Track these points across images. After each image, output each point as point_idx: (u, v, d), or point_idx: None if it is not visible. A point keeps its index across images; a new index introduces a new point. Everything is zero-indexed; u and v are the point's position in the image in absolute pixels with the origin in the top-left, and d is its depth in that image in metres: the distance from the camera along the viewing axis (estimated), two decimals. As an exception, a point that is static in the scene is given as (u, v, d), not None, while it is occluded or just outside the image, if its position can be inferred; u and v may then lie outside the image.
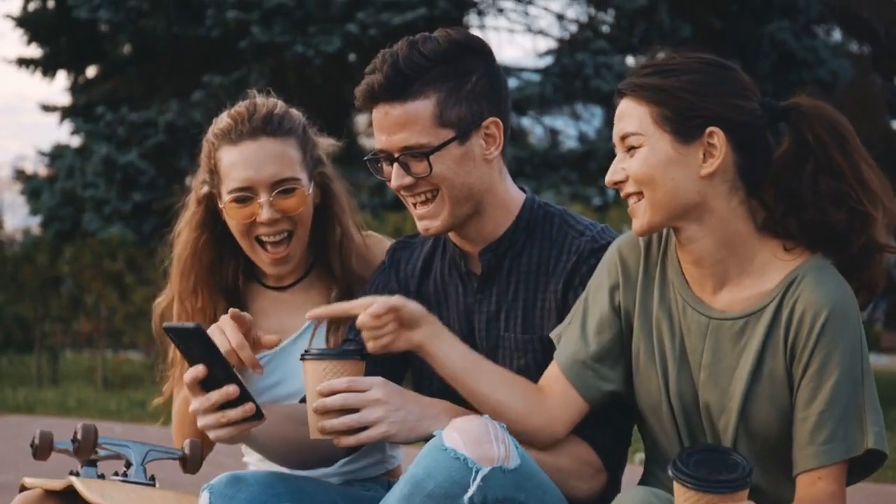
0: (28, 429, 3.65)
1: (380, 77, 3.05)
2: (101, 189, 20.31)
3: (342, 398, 2.83)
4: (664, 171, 2.80)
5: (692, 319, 2.91)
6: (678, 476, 2.53)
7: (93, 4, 20.38)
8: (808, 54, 20.85)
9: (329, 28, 18.47)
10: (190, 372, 2.83)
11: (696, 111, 2.81)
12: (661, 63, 2.90)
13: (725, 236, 2.84)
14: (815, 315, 2.76)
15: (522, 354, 3.16)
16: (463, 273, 3.24)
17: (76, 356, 21.22)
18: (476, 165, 3.10)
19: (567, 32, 22.23)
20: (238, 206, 3.41)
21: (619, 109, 2.91)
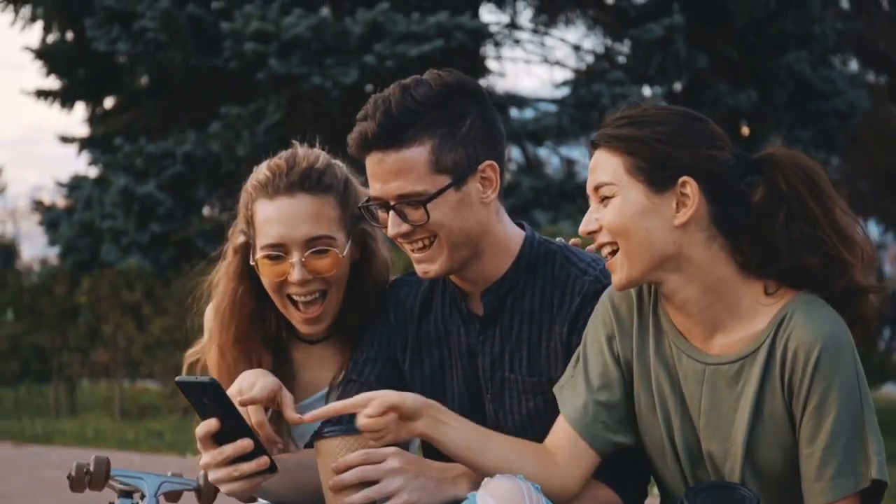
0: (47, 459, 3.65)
1: (373, 125, 3.00)
2: (119, 220, 20.34)
3: (359, 472, 2.83)
4: (638, 220, 2.80)
5: (688, 367, 2.89)
6: None
7: (111, 37, 20.44)
8: (825, 85, 20.82)
9: (346, 59, 18.50)
10: (202, 426, 2.82)
11: (668, 161, 2.81)
12: (635, 114, 2.89)
13: (708, 283, 2.83)
14: (808, 351, 2.75)
15: (531, 396, 3.13)
16: (464, 313, 3.21)
17: (93, 386, 21.23)
18: (473, 209, 3.06)
19: (583, 63, 22.26)
20: (270, 263, 3.31)
21: (593, 161, 2.89)
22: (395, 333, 3.29)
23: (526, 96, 21.37)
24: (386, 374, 3.27)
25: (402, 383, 3.27)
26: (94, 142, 22.22)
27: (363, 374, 3.27)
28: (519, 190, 19.29)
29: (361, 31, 18.38)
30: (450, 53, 18.25)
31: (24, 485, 10.10)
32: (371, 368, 3.28)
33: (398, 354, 3.28)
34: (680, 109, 2.92)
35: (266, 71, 18.68)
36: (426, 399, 2.96)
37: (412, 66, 17.78)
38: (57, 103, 22.95)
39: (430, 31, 18.09)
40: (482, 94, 3.12)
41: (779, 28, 20.35)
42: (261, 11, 18.67)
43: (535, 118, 20.10)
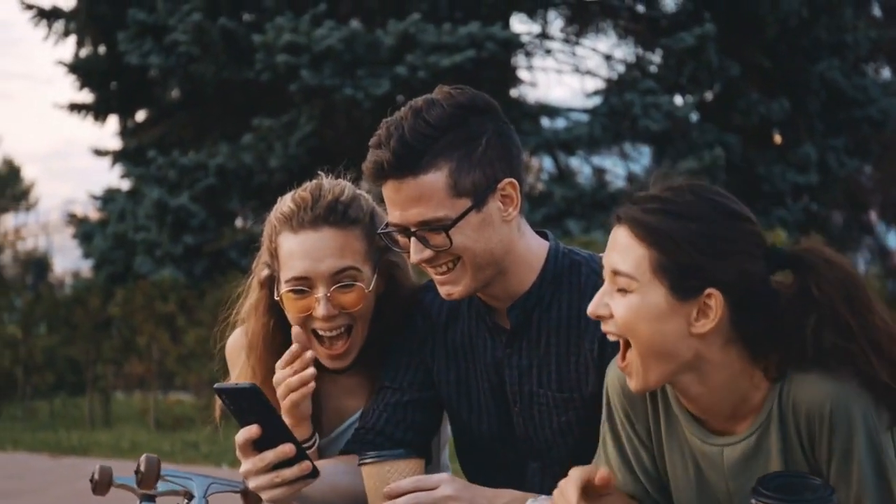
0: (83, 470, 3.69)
1: (387, 154, 2.93)
2: (153, 232, 20.43)
3: (413, 498, 2.81)
4: (652, 323, 2.62)
5: (705, 451, 2.79)
6: (761, 501, 2.49)
7: (143, 50, 20.54)
8: (858, 93, 20.77)
9: (378, 71, 18.54)
10: (242, 433, 2.80)
11: (698, 271, 2.61)
12: (669, 200, 2.68)
13: (720, 382, 2.69)
14: (820, 411, 2.63)
15: (563, 412, 3.10)
16: (490, 327, 3.18)
17: (128, 398, 21.30)
18: (495, 229, 3.00)
19: (615, 72, 22.23)
20: (295, 297, 3.25)
21: (615, 238, 2.70)
22: (424, 338, 3.28)
23: (557, 106, 21.36)
24: (419, 379, 3.26)
25: (433, 389, 3.27)
26: (126, 154, 22.32)
27: (396, 380, 3.26)
28: (551, 199, 19.29)
29: (393, 42, 18.42)
30: (481, 64, 18.27)
31: (61, 496, 10.15)
32: (405, 373, 3.27)
33: (428, 358, 3.28)
34: (719, 202, 2.68)
35: (298, 83, 18.74)
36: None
37: (444, 77, 17.81)
38: (90, 117, 23.08)
39: (462, 41, 18.11)
40: (495, 110, 3.05)
41: (811, 36, 20.32)
42: (292, 24, 18.74)
43: (566, 128, 20.09)
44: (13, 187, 60.30)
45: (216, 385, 2.82)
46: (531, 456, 3.19)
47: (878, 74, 24.27)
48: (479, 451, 3.27)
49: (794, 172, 20.20)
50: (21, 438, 16.45)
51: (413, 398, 3.24)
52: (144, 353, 18.44)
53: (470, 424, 3.23)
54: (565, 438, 3.12)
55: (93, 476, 3.39)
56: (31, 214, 62.98)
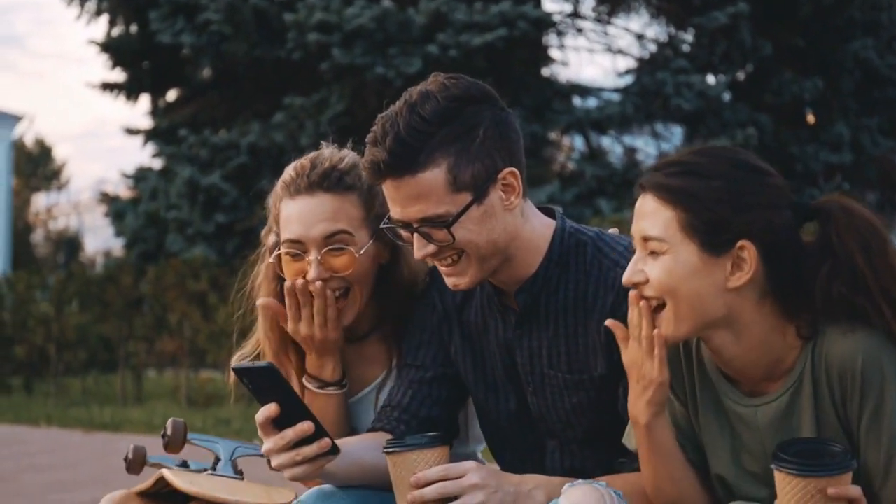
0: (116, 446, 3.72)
1: (384, 154, 2.90)
2: (184, 210, 20.47)
3: (440, 487, 2.81)
4: (689, 281, 2.67)
5: (739, 412, 2.82)
6: (781, 466, 2.48)
7: (175, 29, 20.56)
8: (892, 72, 20.64)
9: (409, 50, 18.52)
10: (262, 412, 2.80)
11: (727, 224, 2.66)
12: (690, 163, 2.74)
13: (755, 341, 2.73)
14: (851, 366, 2.66)
15: (574, 393, 3.10)
16: (501, 308, 3.17)
17: (159, 376, 21.40)
18: (498, 219, 2.98)
19: (647, 52, 22.14)
20: (290, 260, 3.32)
21: (641, 206, 2.76)
22: (443, 317, 3.28)
23: (589, 85, 21.31)
24: (441, 356, 3.27)
25: (454, 366, 3.27)
26: (158, 133, 22.36)
27: (418, 358, 3.27)
28: (582, 179, 19.26)
29: (424, 20, 18.39)
30: (512, 43, 18.23)
31: (94, 471, 10.20)
32: (426, 352, 3.27)
33: (446, 338, 3.28)
34: (739, 159, 2.75)
35: (329, 61, 18.73)
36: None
37: (475, 56, 17.79)
38: (122, 96, 23.12)
39: (493, 20, 18.06)
40: (491, 98, 3.00)
41: (845, 16, 20.20)
42: (324, 2, 18.74)
43: (598, 107, 20.04)
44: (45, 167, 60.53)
45: (234, 365, 2.84)
46: (548, 435, 3.19)
47: (913, 54, 24.10)
48: (499, 430, 3.27)
49: (827, 152, 20.10)
50: (54, 414, 16.56)
51: (437, 374, 3.25)
52: (176, 331, 18.51)
53: (488, 404, 3.24)
54: (579, 419, 3.12)
55: (126, 455, 3.43)
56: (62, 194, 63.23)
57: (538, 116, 19.27)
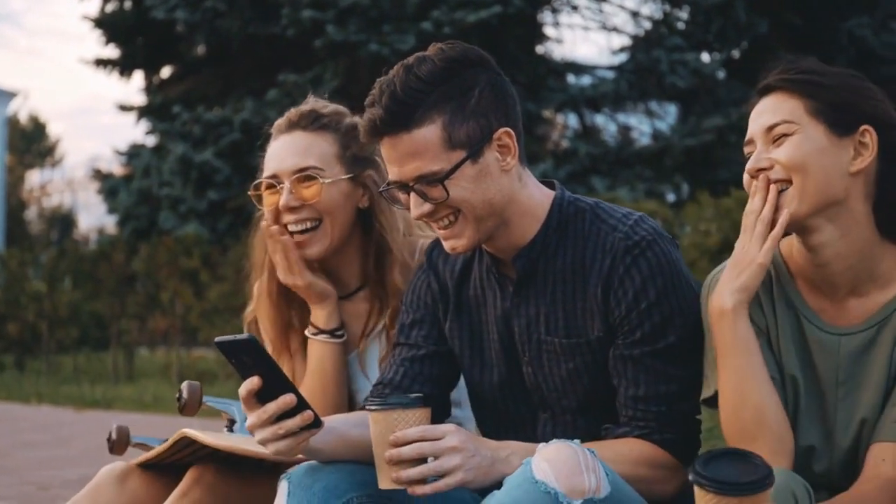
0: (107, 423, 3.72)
1: (380, 111, 2.94)
2: (177, 188, 20.46)
3: (418, 448, 2.80)
4: (817, 158, 2.78)
5: (821, 340, 2.88)
6: (698, 480, 2.49)
7: (169, 5, 20.53)
8: (888, 50, 20.63)
9: (403, 26, 18.49)
10: (245, 384, 2.79)
11: (850, 107, 2.81)
12: (807, 66, 2.90)
13: (856, 241, 2.82)
14: None
15: (570, 358, 3.10)
16: (499, 279, 3.18)
17: (151, 353, 21.40)
18: (494, 180, 3.01)
19: (642, 29, 22.12)
20: (267, 193, 3.51)
21: (763, 105, 2.88)
22: (438, 294, 3.29)
23: (583, 63, 21.30)
24: (434, 335, 3.28)
25: (448, 343, 3.27)
26: (152, 110, 22.34)
27: (411, 337, 3.28)
28: (576, 157, 19.24)
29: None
30: (507, 20, 18.21)
31: (85, 448, 10.19)
32: (418, 330, 3.28)
33: (440, 315, 3.28)
34: (847, 70, 2.92)
35: (323, 38, 18.71)
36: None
37: (470, 33, 17.74)
38: (115, 72, 23.10)
39: (488, -3, 18.03)
40: (488, 62, 3.05)
41: (840, -7, 20.17)
42: (318, -22, 18.68)
43: (592, 85, 20.03)
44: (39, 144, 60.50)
45: (216, 339, 2.82)
46: (541, 407, 3.19)
47: (908, 32, 24.09)
48: (491, 405, 3.28)
49: (821, 131, 20.09)
50: (45, 392, 16.55)
51: (429, 352, 3.26)
52: (168, 309, 18.50)
53: (482, 380, 3.24)
54: (574, 386, 3.12)
55: (110, 435, 3.42)
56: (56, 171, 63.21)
57: (532, 94, 19.25)
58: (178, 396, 3.44)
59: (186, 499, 3.21)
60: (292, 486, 2.92)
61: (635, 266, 3.01)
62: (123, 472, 3.36)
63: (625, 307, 3.02)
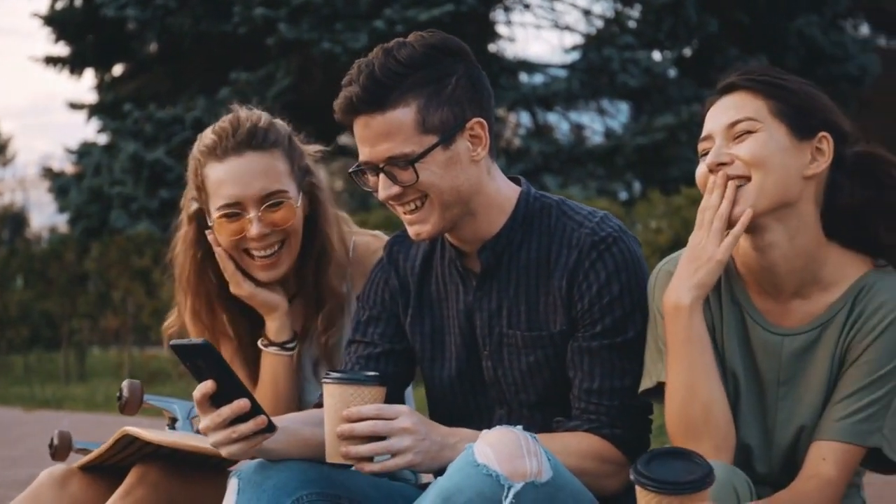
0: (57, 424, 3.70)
1: (357, 89, 2.98)
2: (129, 186, 20.36)
3: (372, 425, 2.81)
4: (779, 158, 2.82)
5: (764, 339, 2.91)
6: (640, 481, 2.52)
7: (120, 3, 20.43)
8: (836, 49, 20.77)
9: (356, 24, 18.47)
10: (199, 388, 2.80)
11: (812, 112, 2.86)
12: (768, 69, 2.95)
13: (803, 244, 2.85)
14: (884, 314, 2.80)
15: (531, 351, 3.12)
16: (462, 272, 3.20)
17: (103, 353, 21.28)
18: (463, 168, 3.04)
19: (594, 28, 22.18)
20: (227, 221, 3.36)
21: (725, 102, 2.90)
22: (398, 291, 3.29)
23: (536, 61, 21.33)
24: (389, 332, 3.28)
25: (406, 341, 3.28)
26: (103, 108, 22.23)
27: (367, 334, 3.28)
28: (528, 155, 19.27)
29: (371, -5, 18.33)
30: (459, 18, 18.21)
31: (33, 449, 10.13)
32: (375, 326, 3.29)
33: (400, 312, 3.29)
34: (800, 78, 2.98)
35: (275, 36, 18.67)
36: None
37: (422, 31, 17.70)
38: (66, 70, 22.95)
39: (440, -5, 18.03)
40: (466, 53, 3.09)
41: (790, -8, 20.28)
42: (270, -24, 18.63)
43: (544, 83, 20.07)
44: (-10, 142, 59.94)
45: (171, 342, 2.83)
46: (498, 402, 3.20)
47: (857, 31, 24.26)
48: (447, 401, 3.28)
49: (771, 129, 20.19)
50: (-5, 392, 16.45)
51: (385, 350, 3.26)
52: (120, 308, 18.41)
53: (441, 375, 3.25)
54: (533, 380, 3.13)
55: (52, 441, 3.40)
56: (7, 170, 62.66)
57: (485, 92, 19.25)
58: (119, 395, 3.42)
59: (130, 497, 3.20)
60: (242, 484, 2.91)
61: (601, 261, 3.04)
62: (64, 474, 3.33)
63: (588, 301, 3.04)
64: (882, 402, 2.79)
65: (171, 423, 3.46)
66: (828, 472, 2.78)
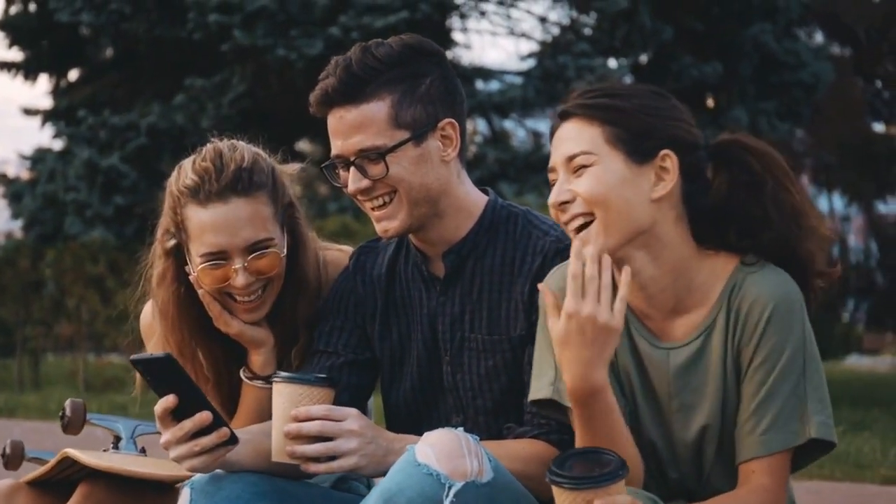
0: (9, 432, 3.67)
1: (334, 81, 3.06)
2: (83, 192, 20.25)
3: (319, 425, 2.83)
4: (618, 190, 2.76)
5: (651, 354, 2.89)
6: (554, 480, 2.55)
7: (74, 8, 20.32)
8: (790, 57, 20.88)
9: (311, 31, 18.44)
10: (160, 403, 2.80)
11: (650, 132, 2.78)
12: (608, 87, 2.88)
13: (669, 264, 2.82)
14: (761, 310, 2.78)
15: (491, 355, 3.15)
16: (426, 276, 3.23)
17: (58, 360, 21.16)
18: (433, 167, 3.10)
19: (549, 35, 22.21)
20: (211, 269, 3.25)
21: (562, 132, 2.84)
22: (363, 301, 3.31)
23: (492, 68, 21.34)
24: (353, 342, 3.29)
25: (369, 351, 3.29)
26: (57, 114, 22.09)
27: (330, 344, 3.29)
28: (485, 162, 19.30)
29: (326, 2, 18.33)
30: (415, 25, 18.20)
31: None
32: (339, 336, 3.30)
33: (366, 323, 3.30)
34: (648, 86, 2.91)
35: (231, 42, 18.61)
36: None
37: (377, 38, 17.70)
38: (20, 75, 22.79)
39: (395, 2, 18.06)
40: (442, 57, 3.18)
41: (743, 0, 20.38)
42: (225, -18, 18.58)
43: (500, 90, 20.08)
44: (-58, 146, 59.49)
45: (132, 357, 2.82)
46: (455, 410, 3.22)
47: (810, 39, 24.44)
48: (405, 409, 3.30)
49: (726, 136, 20.28)
50: (-53, 400, 16.31)
51: (348, 360, 3.28)
52: (74, 315, 18.33)
53: (402, 382, 3.26)
54: (491, 385, 3.16)
55: (3, 450, 3.39)
56: (-40, 174, 62.32)
57: (440, 99, 19.25)
58: (62, 415, 3.39)
59: None
60: (195, 494, 2.91)
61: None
62: (11, 489, 3.30)
63: None
64: (795, 395, 2.78)
65: (115, 443, 3.44)
66: (760, 481, 2.78)
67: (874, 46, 26.92)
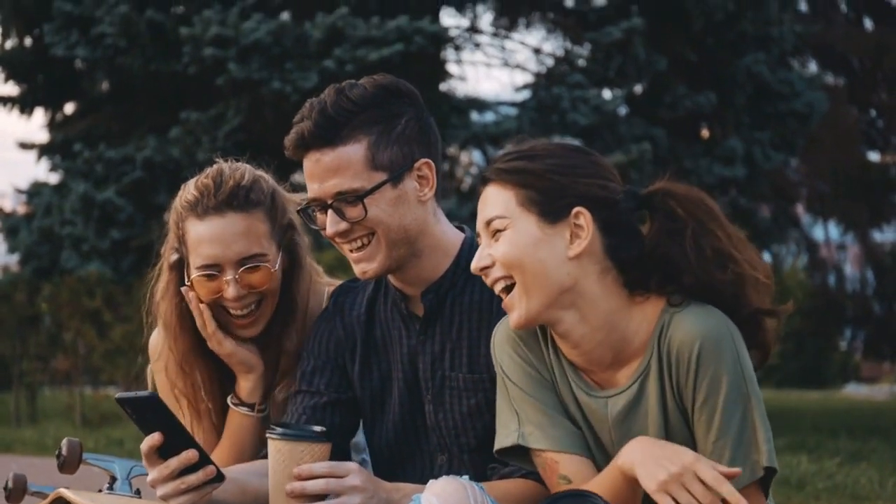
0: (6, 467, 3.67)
1: (309, 124, 3.07)
2: (79, 226, 20.23)
3: (325, 484, 2.84)
4: (532, 252, 2.79)
5: (590, 404, 2.91)
6: None
7: (70, 42, 20.33)
8: (784, 87, 20.91)
9: (306, 64, 18.46)
10: (146, 441, 2.83)
11: (561, 192, 2.82)
12: (525, 149, 2.93)
13: (601, 318, 2.83)
14: (689, 349, 2.78)
15: (473, 394, 3.15)
16: (405, 315, 3.24)
17: (54, 394, 21.11)
18: (410, 207, 3.11)
19: (544, 66, 22.25)
20: (205, 280, 3.39)
21: (483, 197, 2.91)
22: (343, 341, 3.31)
23: (486, 100, 21.35)
24: (335, 382, 3.30)
25: (351, 391, 3.28)
26: (53, 148, 22.09)
27: (313, 384, 3.30)
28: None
29: (321, 35, 18.35)
30: (410, 58, 18.24)
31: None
32: (320, 377, 3.31)
33: (347, 363, 3.30)
34: (570, 144, 2.97)
35: (225, 76, 18.62)
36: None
37: (372, 71, 17.55)
38: (16, 109, 22.81)
39: (390, 35, 18.07)
40: (416, 97, 3.19)
41: (737, 30, 20.43)
42: (220, 16, 18.62)
43: (495, 122, 20.10)
44: (-62, 181, 59.51)
45: (117, 395, 2.85)
46: (439, 448, 3.22)
47: (804, 68, 24.48)
48: (391, 448, 3.29)
49: (720, 166, 20.29)
50: (-56, 435, 16.26)
51: (331, 400, 3.28)
52: (71, 349, 18.30)
53: (385, 422, 3.25)
54: (474, 423, 3.16)
55: (6, 484, 3.40)
56: (-44, 209, 62.27)
57: (436, 131, 19.28)
58: (58, 454, 3.40)
59: None
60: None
61: None
62: None
63: None
64: (745, 426, 2.77)
65: (111, 483, 3.44)
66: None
67: (868, 75, 26.96)
